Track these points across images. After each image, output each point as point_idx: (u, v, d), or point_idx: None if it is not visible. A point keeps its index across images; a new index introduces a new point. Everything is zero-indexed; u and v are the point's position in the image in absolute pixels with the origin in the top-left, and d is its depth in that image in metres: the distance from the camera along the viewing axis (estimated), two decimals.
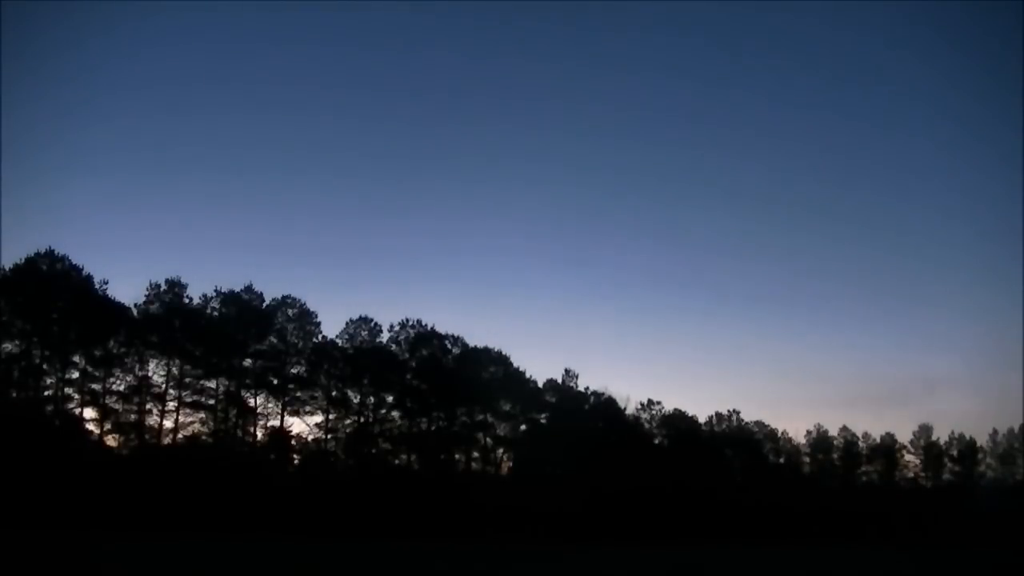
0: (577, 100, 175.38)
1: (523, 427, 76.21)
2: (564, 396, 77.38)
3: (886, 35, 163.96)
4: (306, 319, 67.97)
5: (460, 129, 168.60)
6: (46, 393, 59.19)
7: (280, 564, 29.80)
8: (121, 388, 61.33)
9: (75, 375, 59.93)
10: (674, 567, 36.70)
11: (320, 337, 68.35)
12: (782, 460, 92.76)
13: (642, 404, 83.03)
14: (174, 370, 63.03)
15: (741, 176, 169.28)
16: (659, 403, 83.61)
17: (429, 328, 73.42)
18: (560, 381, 78.00)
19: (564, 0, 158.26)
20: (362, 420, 69.84)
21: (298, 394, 67.49)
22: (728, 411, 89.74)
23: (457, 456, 74.40)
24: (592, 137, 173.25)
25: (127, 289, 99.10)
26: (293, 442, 67.82)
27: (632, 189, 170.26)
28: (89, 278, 60.02)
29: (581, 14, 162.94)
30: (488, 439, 75.01)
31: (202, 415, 63.93)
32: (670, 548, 52.78)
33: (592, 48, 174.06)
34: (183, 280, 64.10)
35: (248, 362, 66.03)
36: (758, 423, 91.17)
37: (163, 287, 63.42)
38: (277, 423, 67.16)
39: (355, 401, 69.84)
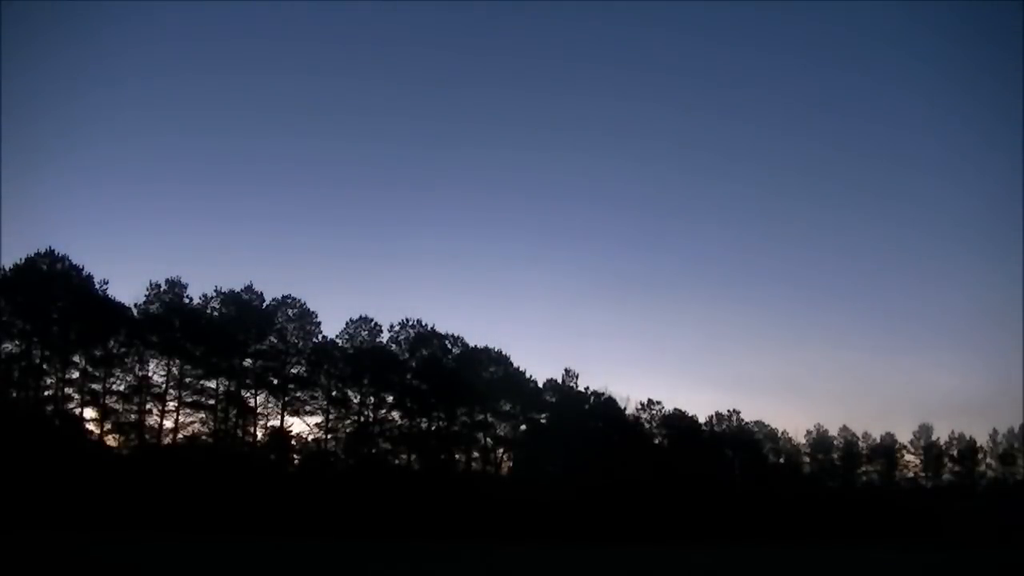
0: (576, 100, 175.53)
1: (523, 427, 76.17)
2: (564, 396, 77.32)
3: (889, 33, 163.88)
4: (306, 319, 67.98)
5: (459, 129, 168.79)
6: (46, 393, 59.27)
7: (280, 564, 29.78)
8: (121, 388, 61.54)
9: (75, 375, 60.11)
10: (675, 567, 36.69)
11: (320, 337, 68.50)
12: (782, 460, 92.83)
13: (642, 404, 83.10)
14: (174, 370, 63.09)
15: (741, 178, 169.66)
16: (659, 403, 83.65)
17: (429, 328, 73.51)
18: (560, 381, 78.04)
19: (565, 1, 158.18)
20: (362, 420, 69.82)
21: (298, 394, 67.50)
22: (728, 411, 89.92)
23: (457, 456, 74.39)
24: (592, 137, 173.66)
25: (127, 289, 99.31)
26: (293, 442, 67.89)
27: (632, 189, 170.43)
28: (89, 278, 60.14)
29: (581, 14, 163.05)
30: (488, 439, 75.01)
31: (202, 415, 63.99)
32: (670, 548, 52.77)
33: (591, 48, 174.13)
34: (183, 280, 64.35)
35: (248, 362, 66.06)
36: (758, 423, 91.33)
37: (163, 287, 63.53)
38: (277, 423, 67.30)
39: (355, 401, 69.85)
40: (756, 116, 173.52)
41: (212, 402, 64.58)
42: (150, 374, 62.51)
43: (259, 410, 66.67)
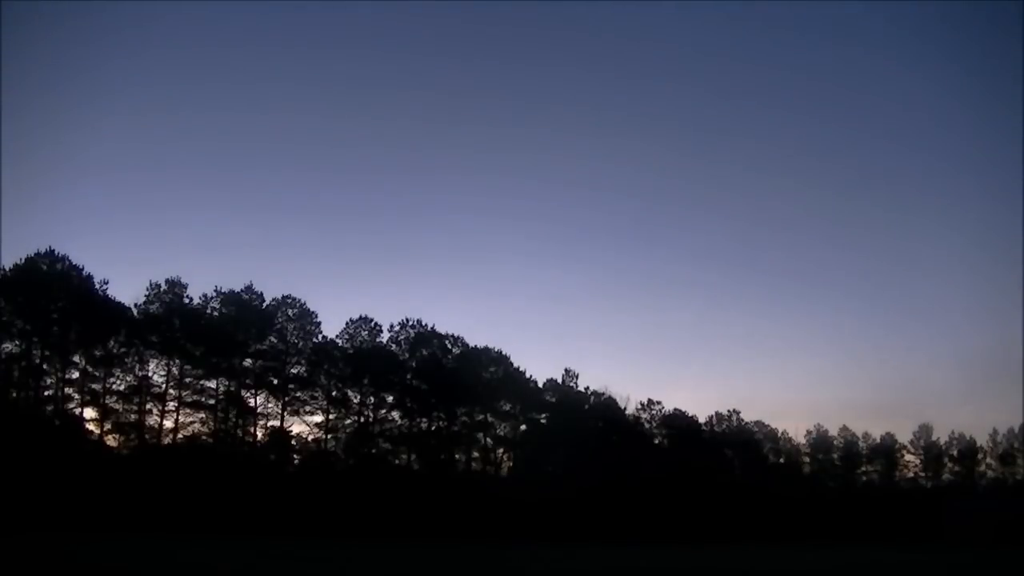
0: (577, 100, 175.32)
1: (523, 427, 76.24)
2: (564, 396, 77.37)
3: (887, 34, 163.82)
4: (306, 319, 67.99)
5: (460, 129, 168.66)
6: (46, 393, 59.24)
7: (279, 564, 29.78)
8: (121, 388, 61.47)
9: (75, 375, 60.07)
10: (675, 567, 36.67)
11: (320, 337, 68.43)
12: (782, 460, 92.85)
13: (642, 404, 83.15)
14: (174, 370, 63.09)
15: (740, 178, 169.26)
16: (659, 403, 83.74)
17: (429, 328, 73.51)
18: (560, 381, 78.07)
19: (567, 1, 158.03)
20: (362, 420, 69.87)
21: (298, 394, 67.53)
22: (728, 411, 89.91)
23: (457, 456, 74.44)
24: (592, 136, 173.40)
25: (127, 289, 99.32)
26: (293, 442, 67.90)
27: (632, 189, 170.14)
28: (89, 278, 60.07)
29: (583, 14, 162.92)
30: (488, 439, 75.05)
31: (202, 415, 64.01)
32: (670, 548, 52.79)
33: (591, 48, 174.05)
34: (183, 280, 64.24)
35: (248, 362, 66.05)
36: (758, 423, 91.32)
37: (163, 287, 63.46)
38: (277, 423, 67.26)
39: (355, 401, 69.88)
40: (756, 115, 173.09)
41: (212, 402, 64.59)
42: (150, 374, 62.56)
43: (259, 410, 66.70)
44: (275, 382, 66.62)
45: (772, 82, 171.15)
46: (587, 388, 78.93)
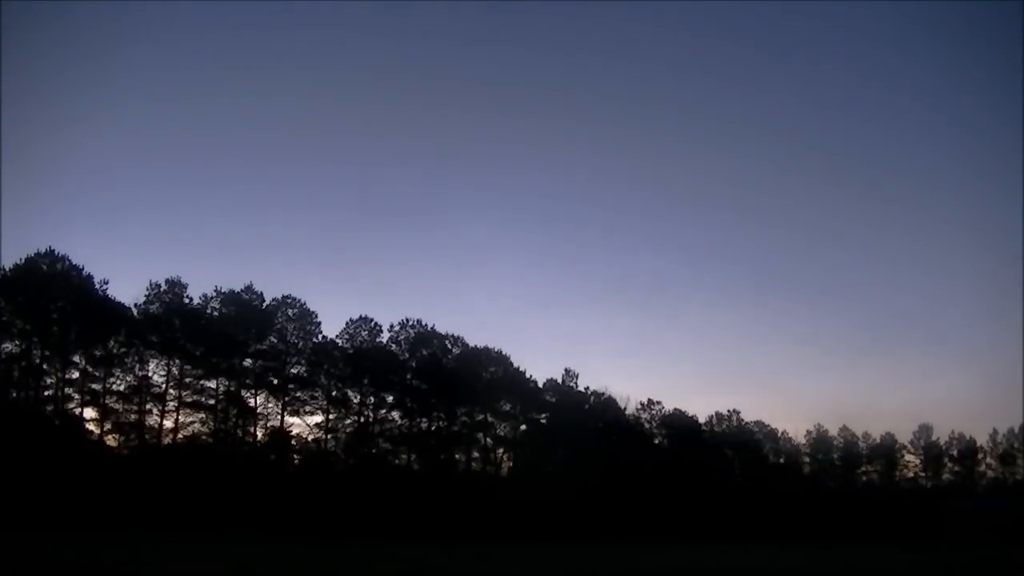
0: (578, 100, 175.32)
1: (523, 427, 76.26)
2: (564, 396, 77.38)
3: (885, 34, 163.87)
4: (306, 319, 68.00)
5: (461, 129, 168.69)
6: (46, 393, 59.25)
7: (279, 565, 29.79)
8: (121, 388, 61.50)
9: (75, 375, 60.07)
10: (675, 567, 36.69)
11: (320, 337, 68.45)
12: (782, 460, 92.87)
13: (642, 404, 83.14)
14: (174, 370, 63.10)
15: (740, 176, 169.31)
16: (659, 403, 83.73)
17: (429, 328, 73.56)
18: (560, 381, 78.09)
19: None
20: (362, 420, 69.89)
21: (298, 394, 67.56)
22: (728, 411, 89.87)
23: (457, 456, 74.47)
24: (593, 136, 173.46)
25: (127, 289, 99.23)
26: (293, 442, 67.92)
27: (632, 188, 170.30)
28: (89, 278, 60.08)
29: (584, 12, 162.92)
30: (488, 439, 75.08)
31: (202, 415, 64.00)
32: (670, 548, 52.80)
33: (592, 48, 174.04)
34: (183, 280, 64.26)
35: (248, 362, 66.08)
36: (758, 423, 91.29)
37: (163, 287, 63.48)
38: (277, 423, 67.26)
39: (355, 401, 69.90)
40: (756, 115, 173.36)
41: (212, 402, 64.60)
42: (150, 374, 62.56)
43: (259, 410, 66.70)
44: (275, 382, 66.63)
45: (772, 83, 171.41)
46: (587, 388, 79.13)
